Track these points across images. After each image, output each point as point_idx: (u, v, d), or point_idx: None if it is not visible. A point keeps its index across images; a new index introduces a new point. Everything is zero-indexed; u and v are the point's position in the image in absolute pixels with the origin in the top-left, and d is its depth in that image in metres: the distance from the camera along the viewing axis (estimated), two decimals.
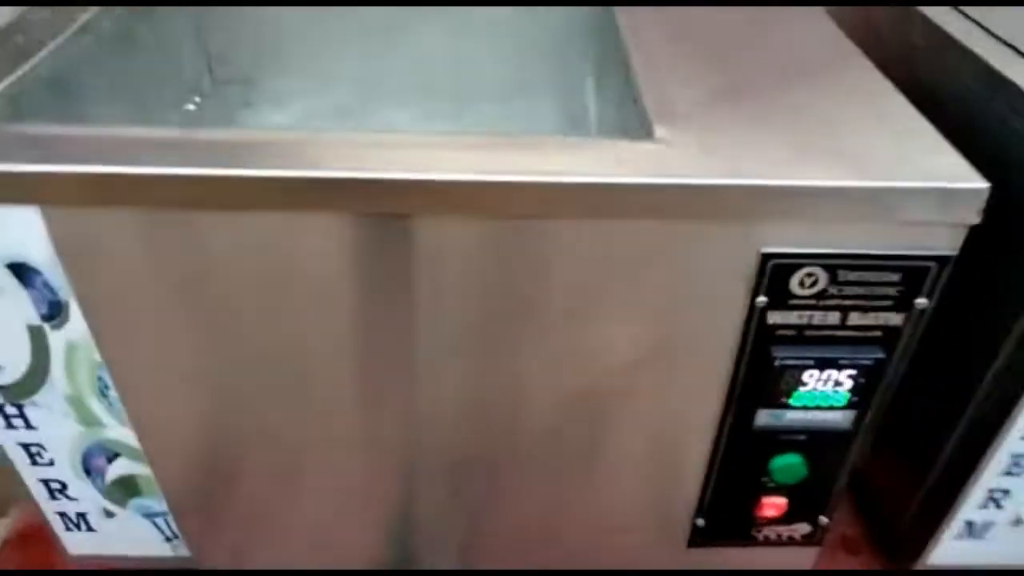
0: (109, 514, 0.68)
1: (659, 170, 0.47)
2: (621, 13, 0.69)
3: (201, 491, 0.65)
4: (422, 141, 0.50)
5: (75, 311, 0.53)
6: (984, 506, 0.69)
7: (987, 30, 0.66)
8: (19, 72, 0.56)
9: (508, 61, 0.84)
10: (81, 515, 0.69)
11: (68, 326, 0.54)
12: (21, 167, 0.46)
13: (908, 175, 0.47)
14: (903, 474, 0.77)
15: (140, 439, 0.61)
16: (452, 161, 0.47)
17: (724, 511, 0.66)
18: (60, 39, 0.61)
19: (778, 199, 0.47)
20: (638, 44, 0.64)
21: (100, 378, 0.57)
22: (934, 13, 0.70)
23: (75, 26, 0.63)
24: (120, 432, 0.61)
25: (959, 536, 0.71)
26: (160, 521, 0.69)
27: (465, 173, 0.46)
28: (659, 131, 0.51)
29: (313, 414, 0.59)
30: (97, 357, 0.56)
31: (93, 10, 0.66)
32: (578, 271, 0.51)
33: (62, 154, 0.47)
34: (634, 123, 0.55)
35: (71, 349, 0.55)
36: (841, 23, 0.71)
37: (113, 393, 0.58)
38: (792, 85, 0.58)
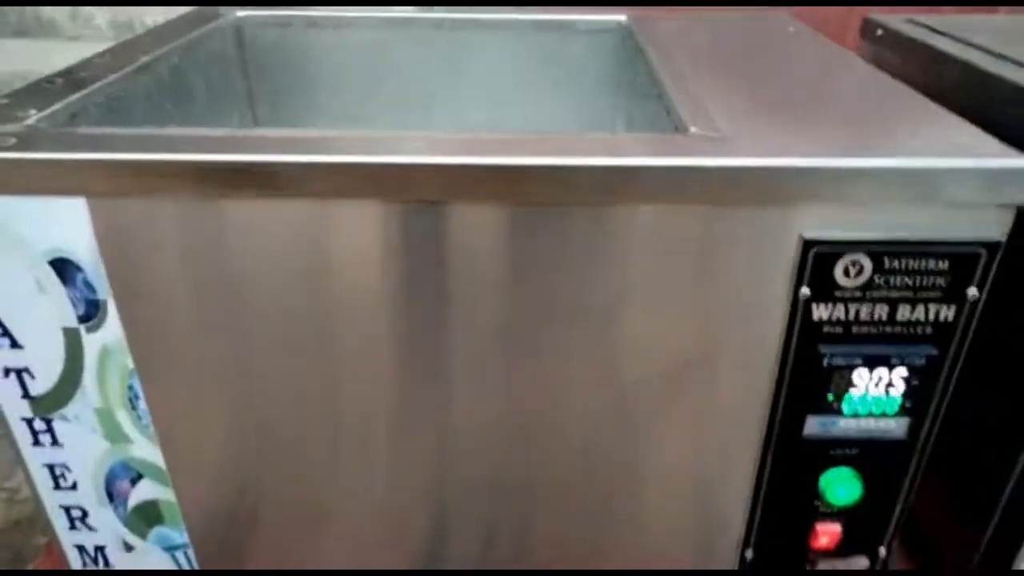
0: (128, 547, 0.66)
1: (695, 154, 0.48)
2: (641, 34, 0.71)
3: (224, 515, 0.62)
4: (456, 136, 0.51)
5: (112, 314, 0.53)
6: None
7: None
8: (79, 95, 0.59)
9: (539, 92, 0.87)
10: (99, 548, 0.66)
11: (104, 329, 0.54)
12: (67, 155, 0.47)
13: (952, 154, 0.47)
14: (961, 516, 0.72)
15: (165, 455, 0.59)
16: (486, 148, 0.48)
17: (774, 540, 0.62)
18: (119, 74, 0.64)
19: (818, 180, 0.47)
20: (663, 60, 0.66)
21: (131, 387, 0.56)
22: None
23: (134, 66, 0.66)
24: (147, 450, 0.60)
25: None
26: (180, 555, 0.66)
27: (500, 157, 0.47)
28: (693, 129, 0.52)
29: (346, 422, 0.57)
30: (130, 363, 0.55)
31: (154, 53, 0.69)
32: (612, 262, 0.50)
33: (108, 146, 0.48)
34: (668, 127, 0.56)
35: (104, 354, 0.55)
36: None
37: (143, 405, 0.57)
38: (810, 85, 0.59)
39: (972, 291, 0.50)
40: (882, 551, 0.63)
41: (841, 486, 0.58)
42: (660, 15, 0.84)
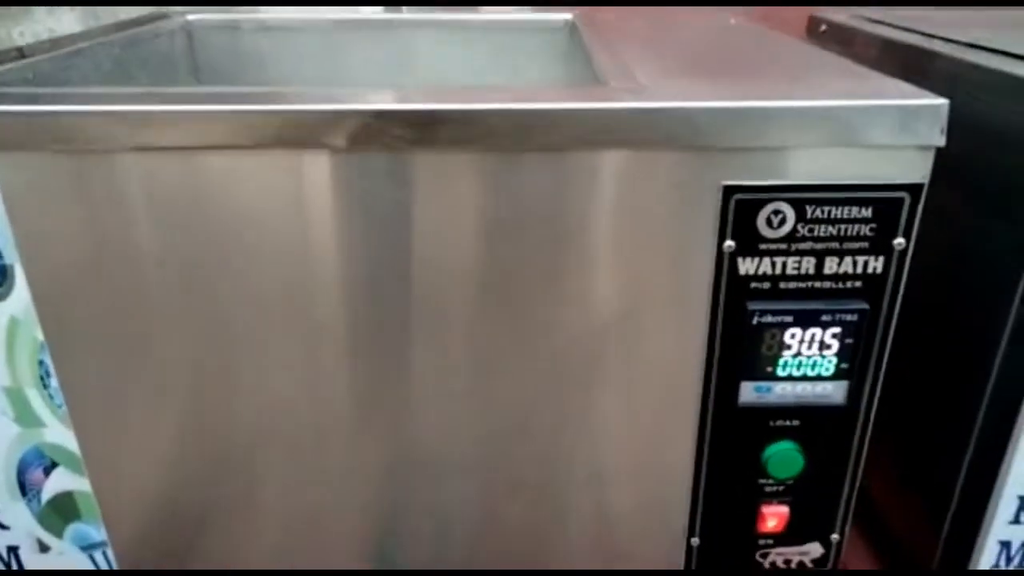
0: (44, 547, 0.62)
1: (611, 100, 0.47)
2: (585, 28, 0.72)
3: (144, 508, 0.59)
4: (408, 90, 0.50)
5: (20, 281, 0.51)
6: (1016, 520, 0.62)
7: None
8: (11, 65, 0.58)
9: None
10: (12, 549, 0.63)
11: (11, 298, 0.52)
12: None
13: (868, 96, 0.46)
14: (920, 502, 0.70)
15: (80, 440, 0.57)
16: (400, 97, 0.47)
17: (720, 524, 0.59)
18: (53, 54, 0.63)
19: (735, 123, 0.46)
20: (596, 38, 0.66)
21: (42, 363, 0.54)
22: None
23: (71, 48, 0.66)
24: (60, 434, 0.57)
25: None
26: (99, 555, 0.63)
27: (410, 104, 0.46)
28: (613, 83, 0.52)
29: (280, 404, 0.55)
30: (40, 336, 0.53)
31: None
32: (537, 213, 0.49)
33: (9, 99, 0.47)
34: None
35: (12, 326, 0.53)
36: None
37: (55, 383, 0.55)
38: (740, 55, 0.59)
39: (899, 241, 0.49)
40: (835, 537, 0.60)
41: (783, 458, 0.55)
42: (607, 13, 0.86)
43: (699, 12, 0.91)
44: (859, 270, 0.50)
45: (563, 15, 0.86)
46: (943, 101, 0.46)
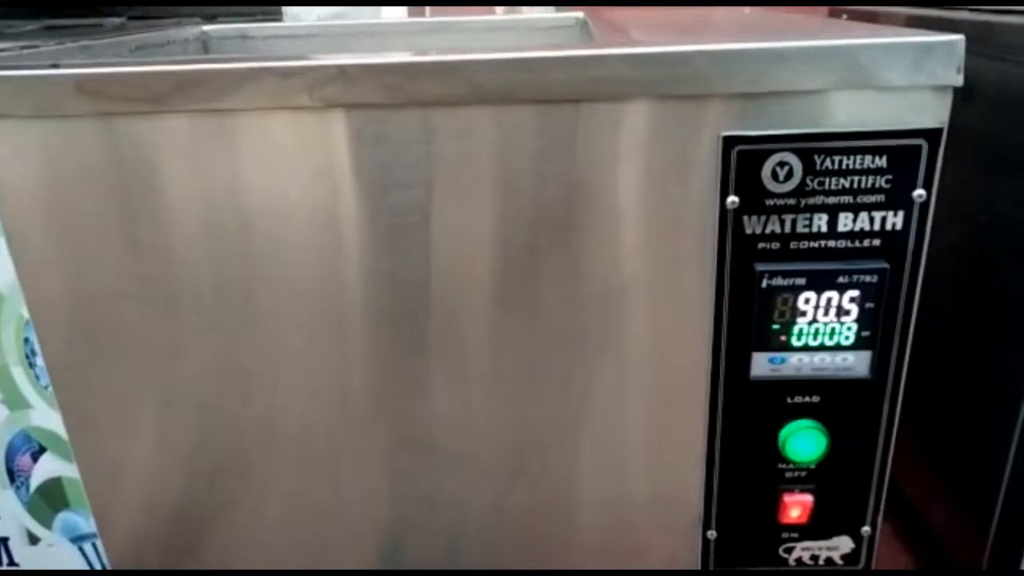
0: (33, 539, 0.61)
1: (601, 48, 0.45)
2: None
3: (132, 493, 0.57)
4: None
5: (3, 253, 0.51)
6: None
7: None
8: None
9: None
10: (3, 541, 0.61)
11: None
12: None
13: (877, 36, 0.44)
14: (960, 499, 0.64)
15: (66, 422, 0.55)
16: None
17: (738, 515, 0.54)
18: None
19: (733, 66, 0.44)
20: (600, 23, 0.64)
21: (27, 340, 0.53)
22: None
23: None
24: (47, 416, 0.56)
25: None
26: (88, 548, 0.61)
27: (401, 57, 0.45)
28: (607, 41, 0.50)
29: (272, 381, 0.53)
30: (25, 312, 0.52)
31: None
32: (533, 170, 0.46)
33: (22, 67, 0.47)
34: None
35: None
36: None
37: (40, 362, 0.54)
38: (750, 23, 0.56)
39: (919, 192, 0.45)
40: (866, 530, 0.55)
41: (803, 439, 0.51)
42: (620, 11, 0.84)
43: (712, 11, 0.89)
44: (876, 226, 0.46)
45: (575, 13, 0.85)
46: (959, 37, 0.42)
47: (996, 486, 0.62)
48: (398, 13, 1.01)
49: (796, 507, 0.53)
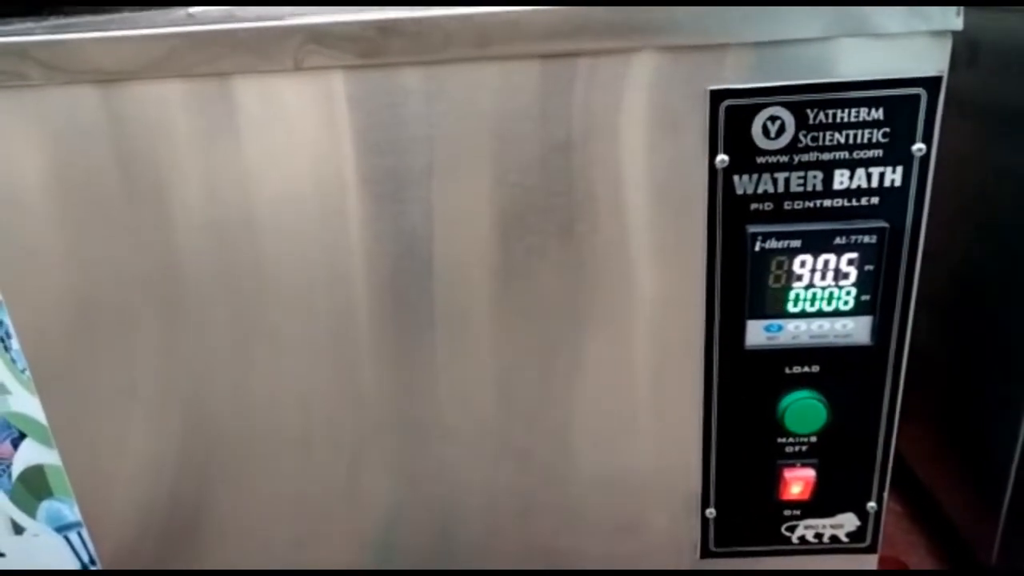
0: (18, 529, 0.59)
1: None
2: None
3: (117, 481, 0.55)
4: None
5: None
6: None
7: None
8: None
9: None
10: None
11: None
12: None
13: None
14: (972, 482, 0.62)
15: (45, 407, 0.54)
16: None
17: (737, 491, 0.52)
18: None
19: (718, 12, 0.41)
20: None
21: (2, 322, 0.52)
22: None
23: None
24: (27, 402, 0.55)
25: None
26: (74, 537, 0.59)
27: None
28: None
29: (259, 366, 0.51)
30: None
31: None
32: (536, 127, 0.44)
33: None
34: None
35: None
36: None
37: (15, 345, 0.52)
38: None
39: (918, 146, 0.43)
40: (871, 506, 0.52)
41: (802, 410, 0.49)
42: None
43: None
44: (874, 183, 0.44)
45: None
46: None
47: (1007, 464, 0.60)
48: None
49: (797, 483, 0.51)
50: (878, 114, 0.42)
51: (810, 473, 0.51)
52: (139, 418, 0.53)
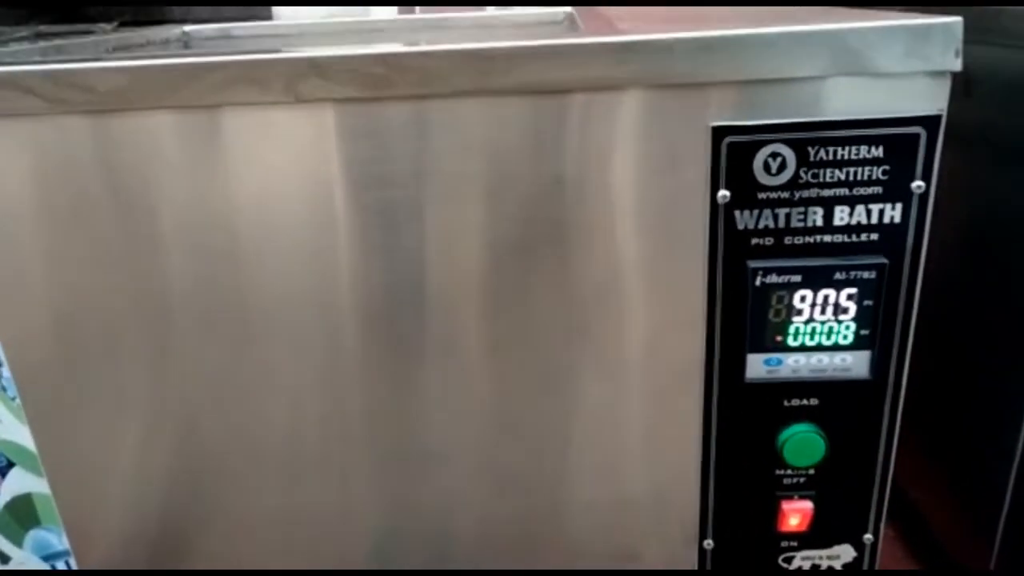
0: (4, 558, 0.58)
1: (583, 36, 0.43)
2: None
3: (106, 511, 0.55)
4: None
5: None
6: None
7: None
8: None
9: None
10: None
11: None
12: None
13: (870, 20, 0.42)
14: (965, 503, 0.62)
15: (35, 435, 0.53)
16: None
17: (735, 523, 0.52)
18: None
19: (722, 52, 0.42)
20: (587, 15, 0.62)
21: None
22: None
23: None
24: (16, 430, 0.54)
25: None
26: (61, 566, 0.58)
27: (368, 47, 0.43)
28: (590, 32, 0.48)
29: (248, 389, 0.50)
30: None
31: None
32: (528, 164, 0.44)
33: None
34: None
35: None
36: None
37: (6, 373, 0.51)
38: (745, 12, 0.54)
39: (917, 184, 0.43)
40: (868, 537, 0.53)
41: (801, 443, 0.49)
42: (611, 10, 0.82)
43: (708, 9, 0.87)
44: (874, 220, 0.44)
45: (563, 9, 0.83)
46: (956, 19, 0.41)
47: (1002, 489, 0.60)
48: (388, 12, 0.99)
49: (795, 515, 0.51)
50: (878, 152, 0.43)
51: (808, 505, 0.51)
52: (128, 444, 0.52)
